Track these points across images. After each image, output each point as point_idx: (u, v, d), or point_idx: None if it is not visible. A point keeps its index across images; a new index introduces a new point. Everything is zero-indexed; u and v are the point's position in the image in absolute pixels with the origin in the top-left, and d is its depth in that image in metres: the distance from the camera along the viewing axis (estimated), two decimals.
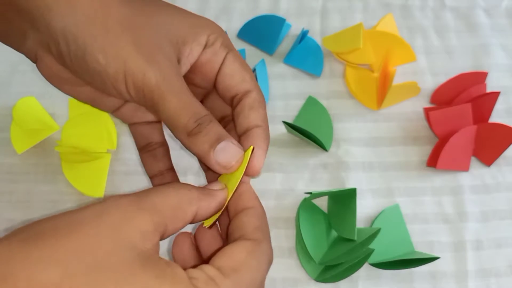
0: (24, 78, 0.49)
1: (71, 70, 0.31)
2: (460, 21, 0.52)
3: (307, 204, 0.42)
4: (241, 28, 0.52)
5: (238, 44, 0.51)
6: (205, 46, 0.32)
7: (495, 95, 0.45)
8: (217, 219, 0.30)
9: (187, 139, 0.30)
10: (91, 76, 0.30)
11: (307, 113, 0.47)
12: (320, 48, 0.50)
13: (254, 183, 0.43)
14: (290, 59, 0.50)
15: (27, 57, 0.33)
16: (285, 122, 0.44)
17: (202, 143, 0.29)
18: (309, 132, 0.43)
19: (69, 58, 0.30)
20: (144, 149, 0.37)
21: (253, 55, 0.51)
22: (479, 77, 0.47)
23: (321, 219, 0.42)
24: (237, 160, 0.30)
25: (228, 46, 0.33)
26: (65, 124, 0.46)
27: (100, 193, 0.43)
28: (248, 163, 0.31)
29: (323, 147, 0.45)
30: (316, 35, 0.52)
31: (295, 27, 0.52)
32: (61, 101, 0.47)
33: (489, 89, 0.47)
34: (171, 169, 0.37)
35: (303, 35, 0.50)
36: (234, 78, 0.33)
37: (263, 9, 0.54)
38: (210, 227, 0.30)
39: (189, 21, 0.32)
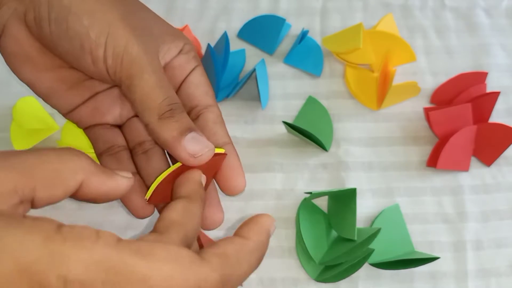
0: None
1: (46, 39, 0.30)
2: (460, 21, 0.52)
3: (307, 204, 0.42)
4: (241, 28, 0.52)
5: (238, 44, 0.51)
6: (180, 52, 0.33)
7: (495, 95, 0.45)
8: (157, 187, 0.29)
9: (157, 122, 0.29)
10: (69, 40, 0.29)
11: (307, 113, 0.47)
12: (320, 48, 0.50)
13: (254, 183, 0.44)
14: (290, 59, 0.50)
15: None
16: (285, 122, 0.44)
17: (172, 129, 0.28)
18: (309, 132, 0.43)
19: (48, 22, 0.29)
20: (105, 153, 0.34)
21: (253, 55, 0.51)
22: (479, 77, 0.47)
23: (321, 219, 0.42)
24: (208, 151, 0.29)
25: (198, 61, 0.33)
26: (65, 124, 0.46)
27: None
28: (227, 180, 0.31)
29: (323, 147, 0.45)
30: (316, 35, 0.52)
31: (295, 27, 0.52)
32: None
33: (489, 89, 0.47)
34: (136, 173, 0.34)
35: (303, 35, 0.50)
36: (198, 89, 0.33)
37: (263, 9, 0.54)
38: (149, 200, 0.30)
39: (170, 28, 0.33)
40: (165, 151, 0.35)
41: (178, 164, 0.29)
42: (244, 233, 0.26)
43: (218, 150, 0.30)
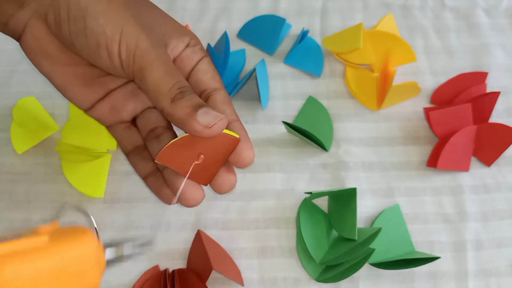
0: (24, 78, 0.49)
1: (65, 37, 0.33)
2: (460, 21, 0.52)
3: (308, 204, 0.42)
4: (241, 28, 0.52)
5: (238, 44, 0.51)
6: (187, 46, 0.35)
7: (495, 95, 0.45)
8: (168, 146, 0.32)
9: (170, 105, 0.31)
10: (86, 38, 0.32)
11: (307, 113, 0.47)
12: (320, 48, 0.50)
13: (255, 183, 0.44)
14: (290, 59, 0.50)
15: (13, 29, 0.34)
16: (285, 122, 0.44)
17: (185, 107, 0.31)
18: (309, 132, 0.43)
19: (67, 22, 0.32)
20: (132, 153, 0.38)
21: (253, 55, 0.51)
22: (479, 77, 0.47)
23: (321, 219, 0.42)
24: (220, 121, 0.31)
25: (205, 52, 0.36)
26: (65, 124, 0.46)
27: (100, 193, 0.43)
28: (238, 153, 0.33)
29: (323, 147, 0.45)
30: (316, 35, 0.52)
31: (295, 27, 0.52)
32: (61, 101, 0.47)
33: (489, 89, 0.47)
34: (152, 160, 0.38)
35: (303, 35, 0.50)
36: (206, 75, 0.35)
37: (263, 9, 0.54)
38: (157, 158, 0.32)
39: (176, 25, 0.36)
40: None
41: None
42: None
43: (233, 133, 0.32)
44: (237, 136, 0.32)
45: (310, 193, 0.40)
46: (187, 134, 0.31)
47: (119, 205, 0.43)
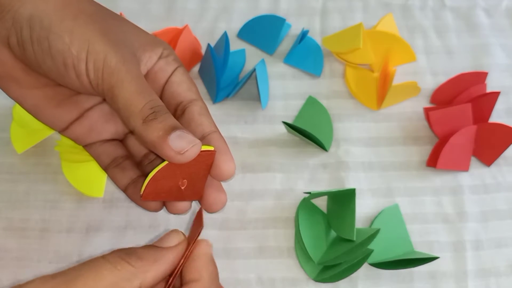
0: None
1: (30, 59, 0.31)
2: (460, 21, 0.52)
3: (307, 204, 0.42)
4: (241, 28, 0.52)
5: (238, 44, 0.51)
6: (160, 57, 0.34)
7: (495, 95, 0.45)
8: (148, 183, 0.30)
9: (142, 126, 0.29)
10: (52, 58, 0.30)
11: (307, 113, 0.47)
12: (320, 48, 0.50)
13: (254, 183, 0.44)
14: (290, 59, 0.50)
15: None
16: (285, 122, 0.44)
17: (157, 130, 0.29)
18: (309, 132, 0.43)
19: (31, 43, 0.30)
20: (110, 165, 0.36)
21: (253, 55, 0.51)
22: (479, 77, 0.47)
23: (320, 219, 0.42)
24: (193, 146, 0.29)
25: (178, 62, 0.34)
26: None
27: (99, 193, 0.43)
28: (217, 166, 0.31)
29: (323, 147, 0.45)
30: (316, 35, 0.52)
31: (295, 27, 0.52)
32: None
33: (489, 89, 0.47)
34: (143, 175, 0.36)
35: (303, 35, 0.50)
36: (181, 86, 0.34)
37: (263, 9, 0.54)
38: (142, 197, 0.31)
39: (148, 37, 0.34)
40: None
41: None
42: (195, 276, 0.28)
43: (207, 148, 0.30)
44: (212, 149, 0.31)
45: (309, 193, 0.40)
46: (163, 165, 0.30)
47: (118, 204, 0.43)
